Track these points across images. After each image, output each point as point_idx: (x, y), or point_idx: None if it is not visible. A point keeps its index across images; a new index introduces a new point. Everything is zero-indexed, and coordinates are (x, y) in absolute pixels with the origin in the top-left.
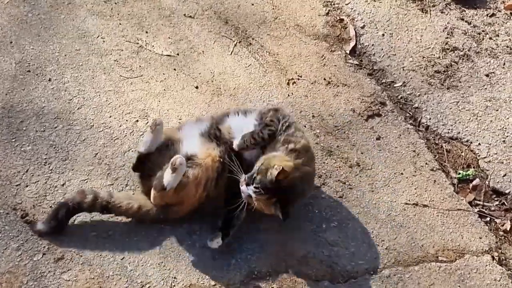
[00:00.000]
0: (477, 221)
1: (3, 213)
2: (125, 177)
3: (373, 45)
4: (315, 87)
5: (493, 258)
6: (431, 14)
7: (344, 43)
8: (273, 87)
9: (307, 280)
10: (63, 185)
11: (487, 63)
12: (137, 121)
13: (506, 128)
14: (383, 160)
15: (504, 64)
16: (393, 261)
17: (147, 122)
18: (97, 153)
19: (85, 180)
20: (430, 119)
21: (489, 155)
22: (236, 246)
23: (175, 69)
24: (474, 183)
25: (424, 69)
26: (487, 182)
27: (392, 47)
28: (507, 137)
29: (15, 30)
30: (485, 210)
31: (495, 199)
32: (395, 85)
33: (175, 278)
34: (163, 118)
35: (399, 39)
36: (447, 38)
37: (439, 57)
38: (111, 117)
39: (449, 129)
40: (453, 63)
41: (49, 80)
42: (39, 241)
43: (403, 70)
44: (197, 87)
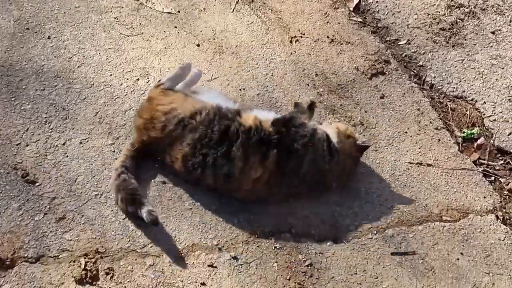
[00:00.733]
0: (482, 181)
1: (3, 172)
2: (126, 136)
3: (377, 2)
4: (318, 45)
5: (497, 217)
6: None
7: (347, 0)
8: (276, 45)
9: (310, 240)
10: (63, 144)
11: (493, 20)
12: (138, 79)
13: (511, 86)
14: (387, 119)
15: (510, 21)
16: (396, 220)
17: (148, 80)
18: (97, 112)
19: (85, 139)
20: (434, 77)
21: (494, 113)
22: (238, 206)
23: (176, 27)
24: (478, 142)
25: (429, 27)
26: (492, 141)
27: (396, 4)
28: None
29: None
30: (490, 169)
31: (500, 158)
32: (399, 43)
33: (177, 237)
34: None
35: None
36: None
37: (444, 14)
38: (111, 75)
39: (454, 88)
40: (458, 20)
41: (48, 38)
42: (40, 201)
43: (408, 27)
44: (198, 45)
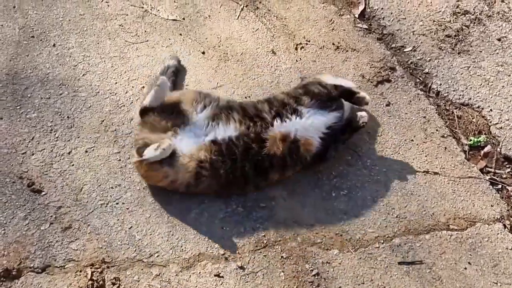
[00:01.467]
0: (489, 189)
1: (9, 182)
2: (132, 145)
3: (382, 8)
4: (323, 52)
5: (504, 226)
6: None
7: (353, 7)
8: (281, 52)
9: (317, 248)
10: (69, 153)
11: (499, 27)
12: (143, 87)
13: None
14: (393, 126)
15: None
16: (403, 229)
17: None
18: (103, 120)
19: (91, 148)
20: (440, 84)
21: (501, 121)
22: (244, 214)
23: (181, 34)
24: (485, 150)
25: (434, 33)
26: (498, 149)
27: (402, 11)
28: None
29: None
30: (497, 177)
31: (507, 166)
32: (405, 50)
33: (183, 247)
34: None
35: (409, 2)
36: (458, 1)
37: (450, 21)
38: (116, 83)
39: (460, 95)
40: (464, 27)
41: (53, 45)
42: (46, 210)
43: (413, 34)
44: (203, 53)
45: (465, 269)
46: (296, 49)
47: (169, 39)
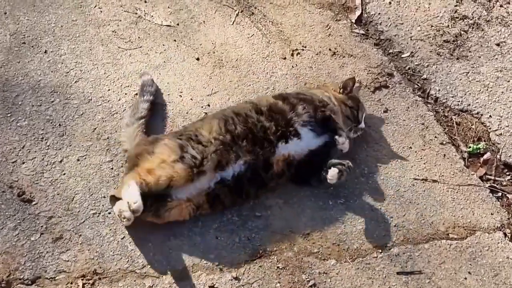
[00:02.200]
0: (488, 197)
1: None
2: (125, 153)
3: (379, 13)
4: (320, 58)
5: (505, 235)
6: None
7: (349, 12)
8: (277, 58)
9: (313, 258)
10: (60, 161)
11: (498, 32)
12: (137, 94)
13: None
14: (391, 133)
15: None
16: (402, 238)
17: None
18: (95, 128)
19: (83, 156)
20: (439, 90)
21: (501, 127)
22: (240, 224)
23: (175, 40)
24: (485, 157)
25: (432, 39)
26: (498, 156)
27: (399, 16)
28: None
29: (9, 0)
30: (497, 185)
31: (507, 173)
32: (402, 56)
33: (177, 258)
34: (163, 91)
35: (406, 7)
36: (456, 6)
37: (448, 26)
38: (109, 90)
39: (459, 101)
40: (462, 32)
41: (45, 52)
42: (36, 220)
43: (411, 39)
44: (198, 59)
45: (465, 279)
46: (292, 55)
47: (163, 45)
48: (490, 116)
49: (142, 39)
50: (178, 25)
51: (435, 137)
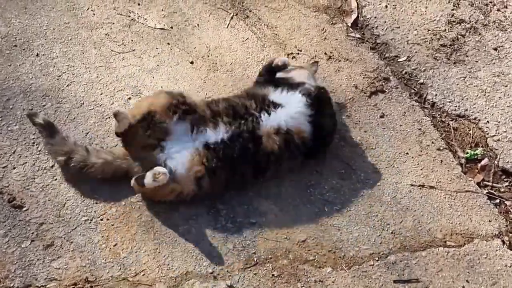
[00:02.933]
0: (486, 203)
1: None
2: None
3: (375, 17)
4: None
5: (503, 242)
6: None
7: (345, 16)
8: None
9: (309, 266)
10: (52, 166)
11: (495, 36)
12: (130, 98)
13: None
14: (388, 139)
15: None
16: (399, 246)
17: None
18: (87, 133)
19: None
20: (436, 95)
21: (498, 133)
22: (234, 231)
23: (169, 44)
24: (482, 163)
25: (429, 43)
26: (496, 162)
27: (395, 20)
28: None
29: (1, 2)
30: (495, 191)
31: (505, 180)
32: (399, 60)
33: (170, 265)
34: None
35: (403, 11)
36: (453, 9)
37: (445, 30)
38: (102, 94)
39: (456, 106)
40: (459, 36)
41: (37, 55)
42: (27, 227)
43: (408, 43)
44: (192, 62)
45: (463, 287)
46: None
47: (157, 48)
48: (487, 121)
49: (135, 42)
50: (172, 28)
51: (432, 143)
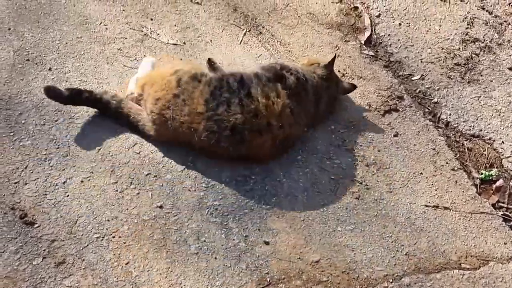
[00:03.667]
0: (502, 225)
1: (0, 213)
2: (130, 175)
3: (389, 35)
4: None
5: None
6: (450, 2)
7: (358, 33)
8: None
9: (322, 287)
10: (64, 183)
11: (510, 55)
12: None
13: None
14: (402, 158)
15: None
16: (413, 268)
17: None
18: (100, 149)
19: (87, 177)
20: (450, 115)
21: None
22: (246, 250)
23: (181, 59)
24: (497, 184)
25: (443, 62)
26: (511, 183)
27: (409, 38)
28: None
29: (14, 16)
30: (510, 213)
31: None
32: (413, 78)
33: (183, 284)
34: None
35: (416, 29)
36: (467, 28)
37: (459, 48)
38: None
39: (471, 126)
40: (473, 55)
41: (49, 69)
42: (38, 244)
43: (421, 62)
44: None
45: None
46: None
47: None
48: (502, 142)
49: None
50: (184, 43)
51: (447, 163)
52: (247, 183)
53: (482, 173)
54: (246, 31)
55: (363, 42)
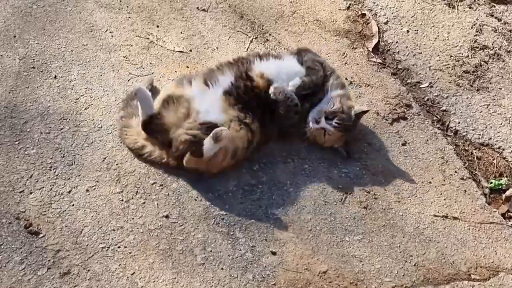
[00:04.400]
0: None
1: (5, 222)
2: (135, 184)
3: (397, 42)
4: None
5: None
6: (458, 9)
7: (366, 40)
8: None
9: None
10: (69, 192)
11: None
12: None
13: None
14: (410, 167)
15: None
16: (422, 278)
17: None
18: (105, 158)
19: (92, 186)
20: (459, 123)
21: None
22: (253, 260)
23: (188, 67)
24: (507, 193)
25: (451, 69)
26: None
27: (417, 45)
28: None
29: (19, 23)
30: None
31: None
32: (421, 86)
33: None
34: None
35: (424, 36)
36: (476, 35)
37: (468, 56)
38: None
39: (480, 134)
40: (482, 63)
41: (55, 77)
42: (43, 254)
43: (430, 69)
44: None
45: None
46: None
47: (176, 71)
48: None
49: (154, 65)
50: (191, 51)
51: (455, 172)
52: (254, 192)
53: (491, 182)
54: (252, 38)
55: (370, 49)
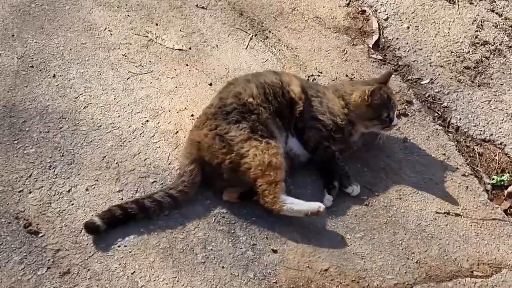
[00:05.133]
0: None
1: (4, 222)
2: (135, 183)
3: (397, 38)
4: None
5: None
6: (459, 5)
7: (366, 37)
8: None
9: None
10: (68, 191)
11: None
12: (147, 121)
13: None
14: (411, 164)
15: None
16: (424, 276)
17: (158, 122)
18: (104, 156)
19: (92, 185)
20: (460, 119)
21: None
22: (254, 259)
23: (187, 65)
24: (509, 189)
25: (452, 65)
26: None
27: (418, 41)
28: None
29: (17, 22)
30: None
31: None
32: (422, 82)
33: None
34: (175, 117)
35: (425, 32)
36: (477, 31)
37: (469, 52)
38: (119, 116)
39: (481, 131)
40: (483, 59)
41: (54, 76)
42: (43, 253)
43: (430, 66)
44: (211, 84)
45: None
46: (308, 80)
47: (175, 69)
48: None
49: (153, 63)
50: (190, 49)
51: (457, 168)
52: None
53: (493, 179)
54: (252, 36)
55: (371, 46)
